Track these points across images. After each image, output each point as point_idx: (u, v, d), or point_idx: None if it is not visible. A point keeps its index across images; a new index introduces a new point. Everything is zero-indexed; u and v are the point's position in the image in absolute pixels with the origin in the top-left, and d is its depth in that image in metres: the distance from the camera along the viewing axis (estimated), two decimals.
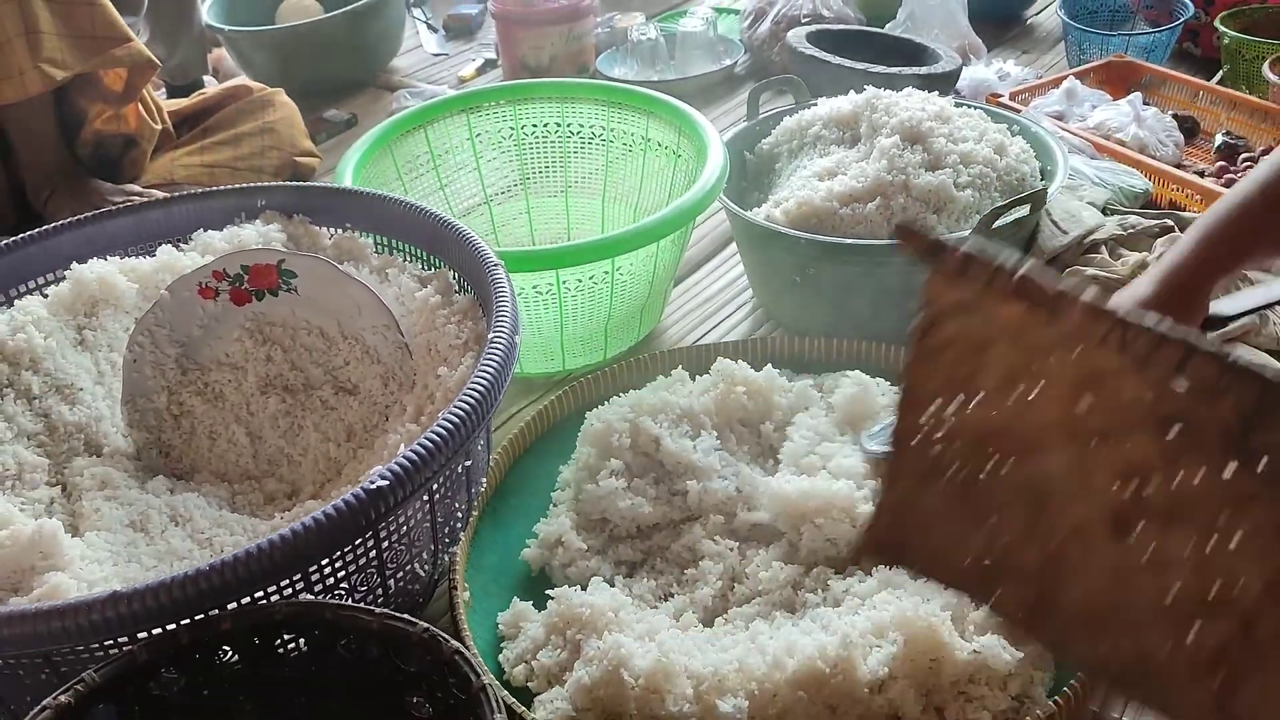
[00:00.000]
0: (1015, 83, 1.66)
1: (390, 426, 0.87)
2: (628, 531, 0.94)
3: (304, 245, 1.01)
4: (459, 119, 1.36)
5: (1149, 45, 1.73)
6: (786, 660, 0.75)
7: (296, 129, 1.64)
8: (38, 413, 0.85)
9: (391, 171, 1.31)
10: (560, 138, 1.40)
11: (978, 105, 1.32)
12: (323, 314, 0.91)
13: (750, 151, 1.36)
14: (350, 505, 0.66)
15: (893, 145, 1.17)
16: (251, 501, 0.87)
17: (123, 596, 0.61)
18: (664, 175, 1.34)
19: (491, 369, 0.76)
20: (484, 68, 2.07)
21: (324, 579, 0.70)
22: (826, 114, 1.29)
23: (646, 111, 1.34)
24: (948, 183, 1.14)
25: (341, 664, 0.65)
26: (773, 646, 0.76)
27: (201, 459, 0.90)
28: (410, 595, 0.80)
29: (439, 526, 0.78)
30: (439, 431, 0.71)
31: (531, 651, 0.83)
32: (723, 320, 1.31)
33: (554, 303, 1.10)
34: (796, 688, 0.74)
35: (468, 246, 0.91)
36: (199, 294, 0.89)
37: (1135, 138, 1.47)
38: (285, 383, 0.92)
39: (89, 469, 0.83)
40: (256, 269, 0.90)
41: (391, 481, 0.67)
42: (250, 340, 0.91)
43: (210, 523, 0.82)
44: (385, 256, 0.99)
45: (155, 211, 1.02)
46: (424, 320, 0.90)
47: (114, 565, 0.74)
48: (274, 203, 1.03)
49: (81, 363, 0.89)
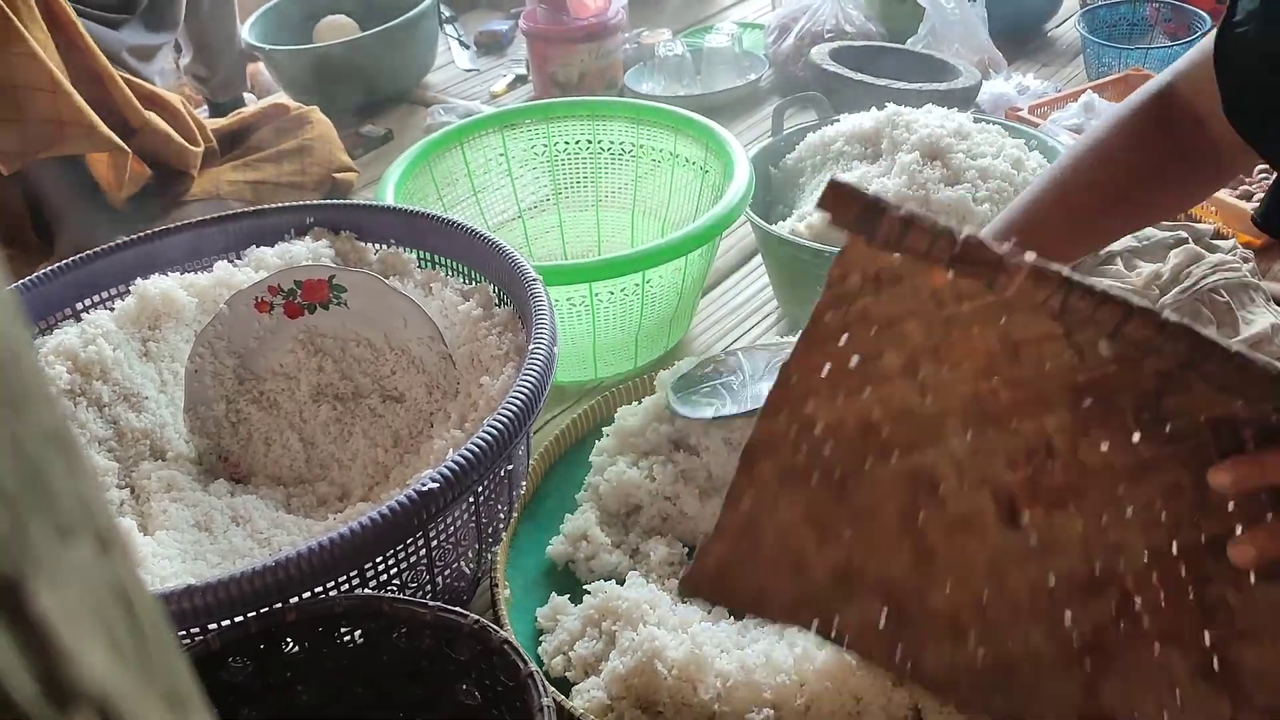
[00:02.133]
0: (1034, 96, 1.70)
1: (435, 433, 0.92)
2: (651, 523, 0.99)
3: (351, 260, 1.06)
4: (494, 137, 1.41)
5: (1167, 59, 1.76)
6: (815, 652, 0.79)
7: (333, 145, 1.70)
8: (108, 420, 0.90)
9: (430, 186, 1.36)
10: (591, 154, 1.45)
11: (996, 120, 1.36)
12: (371, 326, 0.97)
13: (775, 166, 1.40)
14: (404, 505, 0.71)
15: (913, 161, 1.21)
16: (305, 504, 0.93)
17: (197, 589, 0.66)
18: (691, 189, 1.38)
19: (532, 379, 0.81)
20: (515, 83, 2.13)
21: (378, 575, 0.75)
22: (849, 130, 1.34)
23: (674, 129, 1.39)
24: (966, 198, 1.18)
25: (396, 653, 0.70)
26: (801, 638, 0.81)
27: (258, 463, 0.95)
28: (456, 591, 0.85)
29: (483, 527, 0.83)
30: (485, 438, 0.75)
31: (569, 643, 0.88)
32: (750, 329, 1.36)
33: (587, 314, 1.15)
34: (824, 679, 0.78)
35: (507, 262, 0.96)
36: (255, 308, 0.95)
37: None
38: (336, 391, 0.97)
39: (155, 472, 0.88)
40: (309, 284, 0.95)
41: (442, 484, 0.72)
42: (303, 351, 0.97)
43: (268, 523, 0.87)
44: (428, 271, 1.05)
45: (211, 229, 1.07)
46: (466, 332, 0.95)
47: (182, 562, 0.80)
48: (322, 220, 1.09)
49: (147, 372, 0.94)
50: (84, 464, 0.20)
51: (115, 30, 1.63)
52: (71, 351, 0.90)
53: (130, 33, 1.66)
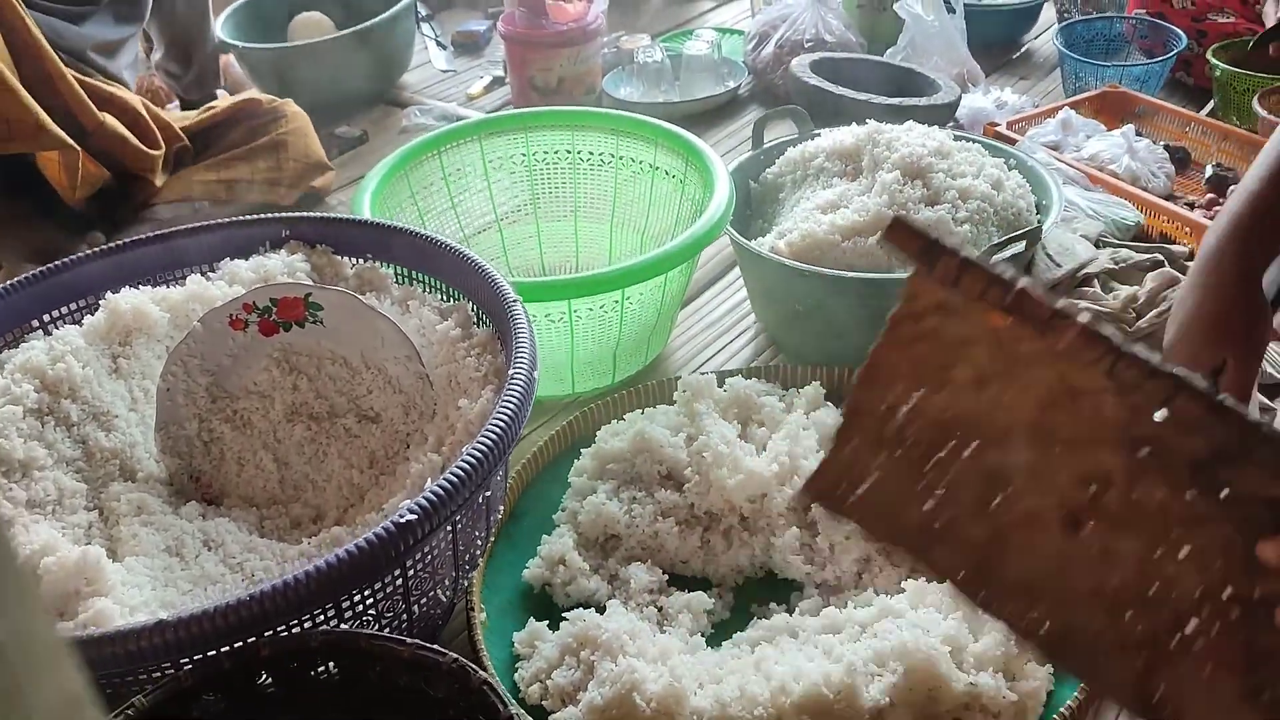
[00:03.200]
0: (1012, 111, 1.70)
1: (412, 455, 0.91)
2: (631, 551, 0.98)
3: (327, 275, 1.05)
4: (472, 146, 1.40)
5: (1143, 76, 1.77)
6: (792, 686, 0.79)
7: (309, 139, 1.67)
8: (76, 439, 0.89)
9: (406, 194, 1.35)
10: (570, 164, 1.44)
11: (976, 139, 1.36)
12: (347, 344, 0.95)
13: (755, 180, 1.40)
14: (381, 538, 0.70)
15: (893, 180, 1.21)
16: (279, 526, 0.91)
17: (168, 625, 0.65)
18: (670, 202, 1.38)
19: (512, 406, 0.80)
20: (492, 85, 2.11)
21: (354, 606, 0.74)
22: (829, 146, 1.33)
23: (654, 141, 1.38)
24: (946, 218, 1.18)
25: (372, 689, 0.69)
26: (778, 672, 0.81)
27: (230, 484, 0.94)
28: (432, 619, 0.84)
29: (460, 554, 0.82)
30: (463, 467, 0.74)
31: (546, 671, 0.87)
32: (728, 344, 1.35)
33: (565, 329, 1.14)
34: (800, 712, 0.78)
35: (486, 281, 0.95)
36: (230, 325, 0.93)
37: (1128, 169, 1.52)
38: (310, 411, 0.96)
39: (125, 495, 0.87)
40: (284, 302, 0.93)
41: (420, 516, 0.71)
42: (277, 369, 0.95)
43: (241, 547, 0.86)
44: (406, 288, 1.03)
45: (184, 240, 1.06)
46: (444, 352, 0.94)
47: (152, 589, 0.78)
48: (298, 232, 1.07)
49: (117, 390, 0.93)
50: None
51: (78, 25, 1.59)
52: (39, 369, 0.89)
53: (95, 27, 1.62)
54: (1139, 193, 1.45)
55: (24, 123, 1.34)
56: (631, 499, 0.99)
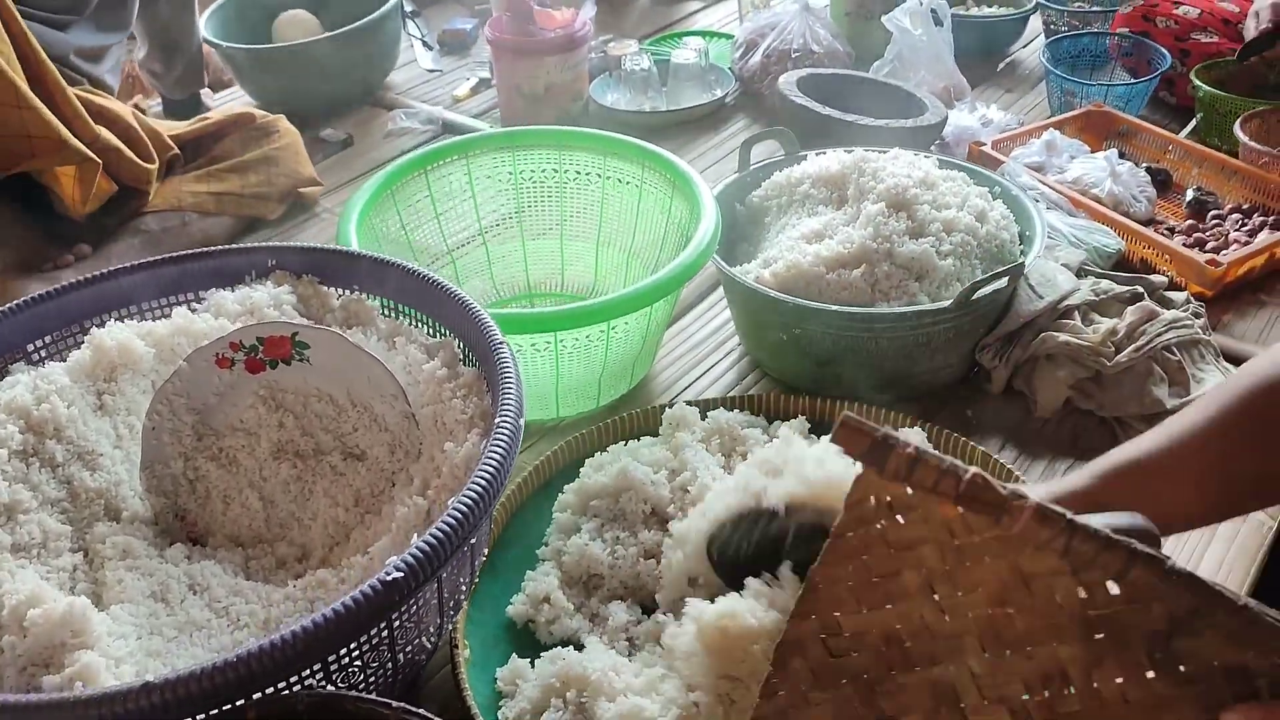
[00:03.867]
0: (998, 129, 1.71)
1: (397, 496, 0.92)
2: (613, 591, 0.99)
3: (313, 306, 1.05)
4: (458, 164, 1.40)
5: (1127, 95, 1.78)
6: None
7: (299, 156, 1.67)
8: (61, 480, 0.89)
9: (392, 213, 1.35)
10: (556, 183, 1.44)
11: (961, 165, 1.37)
12: (333, 382, 0.95)
13: (740, 203, 1.40)
14: (367, 596, 0.71)
15: (878, 212, 1.22)
16: (264, 566, 0.92)
17: (155, 687, 0.65)
18: (656, 223, 1.38)
19: (498, 455, 0.80)
20: (479, 86, 2.10)
21: (339, 660, 0.75)
22: (815, 172, 1.34)
23: (641, 162, 1.38)
24: (930, 251, 1.19)
25: None
26: None
27: (216, 523, 0.94)
28: (416, 665, 0.85)
29: (444, 602, 0.83)
30: (449, 522, 0.75)
31: (530, 712, 0.88)
32: (711, 367, 1.36)
33: (550, 359, 1.15)
34: None
35: (474, 320, 0.95)
36: (215, 364, 0.93)
37: (1110, 194, 1.53)
38: (296, 448, 0.96)
39: (111, 537, 0.87)
40: (271, 340, 0.94)
41: (406, 574, 0.72)
42: (263, 407, 0.95)
43: (227, 591, 0.86)
44: (392, 322, 1.03)
45: (169, 269, 1.05)
46: (430, 393, 0.94)
47: (138, 639, 0.79)
48: (284, 262, 1.07)
49: (101, 428, 0.93)
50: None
51: (62, 31, 1.58)
52: (24, 409, 0.88)
53: (78, 34, 1.61)
54: (1121, 219, 1.46)
55: (47, 139, 1.34)
56: (615, 539, 1.00)
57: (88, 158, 1.39)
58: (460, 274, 1.43)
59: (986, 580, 0.52)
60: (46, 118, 1.34)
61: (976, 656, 0.54)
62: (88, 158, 1.39)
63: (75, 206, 1.46)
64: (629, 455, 1.08)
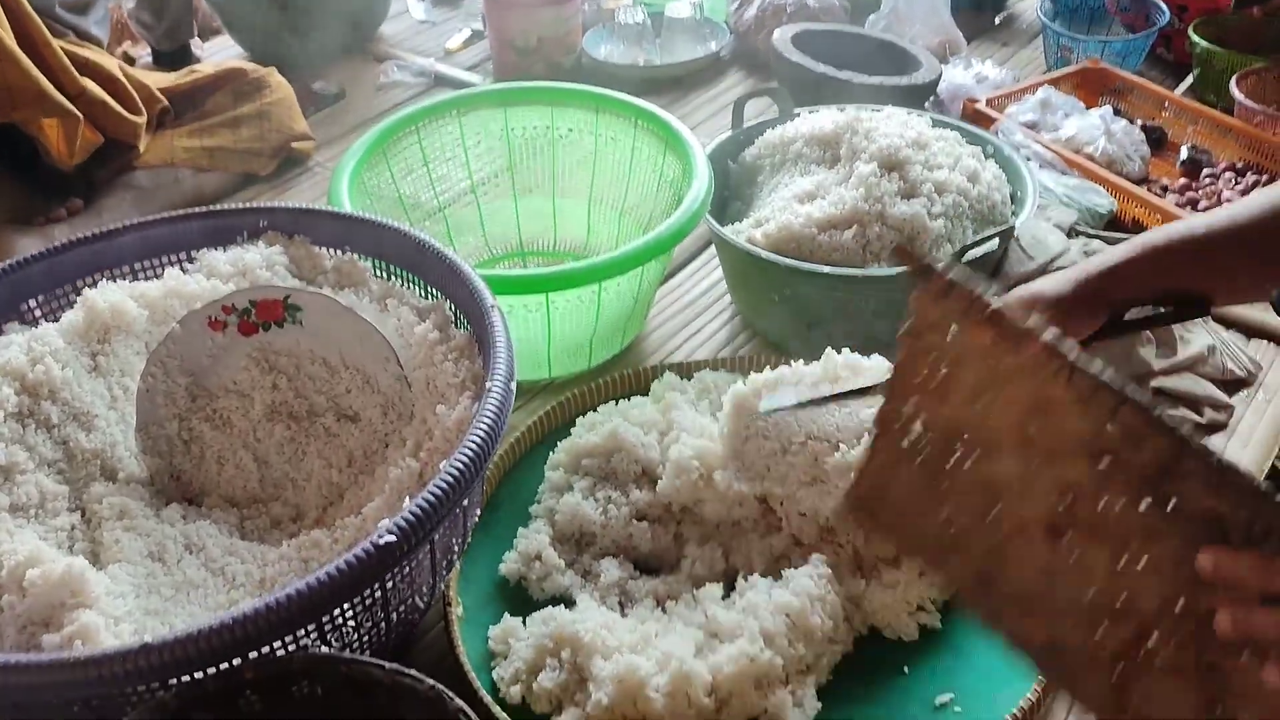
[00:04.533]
0: (992, 87, 1.70)
1: (390, 457, 0.93)
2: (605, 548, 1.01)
3: (305, 267, 1.05)
4: (450, 121, 1.39)
5: (1124, 50, 1.77)
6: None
7: (292, 111, 1.66)
8: (57, 441, 0.89)
9: (384, 168, 1.34)
10: (548, 140, 1.43)
11: (954, 124, 1.37)
12: (326, 344, 0.96)
13: (733, 161, 1.40)
14: (361, 560, 0.72)
15: (870, 173, 1.22)
16: (259, 526, 0.93)
17: (154, 647, 0.67)
18: (649, 181, 1.38)
19: (489, 419, 0.81)
20: (471, 39, 2.08)
21: (333, 620, 0.76)
22: (809, 132, 1.33)
23: (633, 120, 1.38)
24: (921, 213, 1.19)
25: (352, 708, 0.71)
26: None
27: (211, 483, 0.95)
28: (409, 624, 0.86)
29: (437, 562, 0.84)
30: (442, 485, 0.76)
31: (525, 671, 0.90)
32: (704, 325, 1.37)
33: (542, 319, 1.16)
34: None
35: (465, 283, 0.95)
36: (209, 326, 0.94)
37: (1104, 152, 1.53)
38: (290, 410, 0.97)
39: (108, 497, 0.88)
40: (263, 304, 0.94)
41: (399, 537, 0.73)
42: (257, 369, 0.96)
43: (222, 550, 0.87)
44: (385, 284, 1.04)
45: (161, 229, 1.05)
46: (422, 355, 0.95)
47: (136, 598, 0.80)
48: (276, 223, 1.07)
49: (96, 389, 0.93)
50: None
51: None
52: (19, 371, 0.89)
53: None
54: (1114, 178, 1.46)
55: (26, 90, 1.33)
56: (607, 499, 1.01)
57: (68, 110, 1.38)
58: (452, 231, 1.43)
59: (1017, 397, 0.59)
60: (26, 68, 1.33)
61: (1013, 459, 0.62)
62: (68, 110, 1.38)
63: (62, 158, 1.45)
64: (620, 416, 1.09)
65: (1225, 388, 1.23)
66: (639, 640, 0.89)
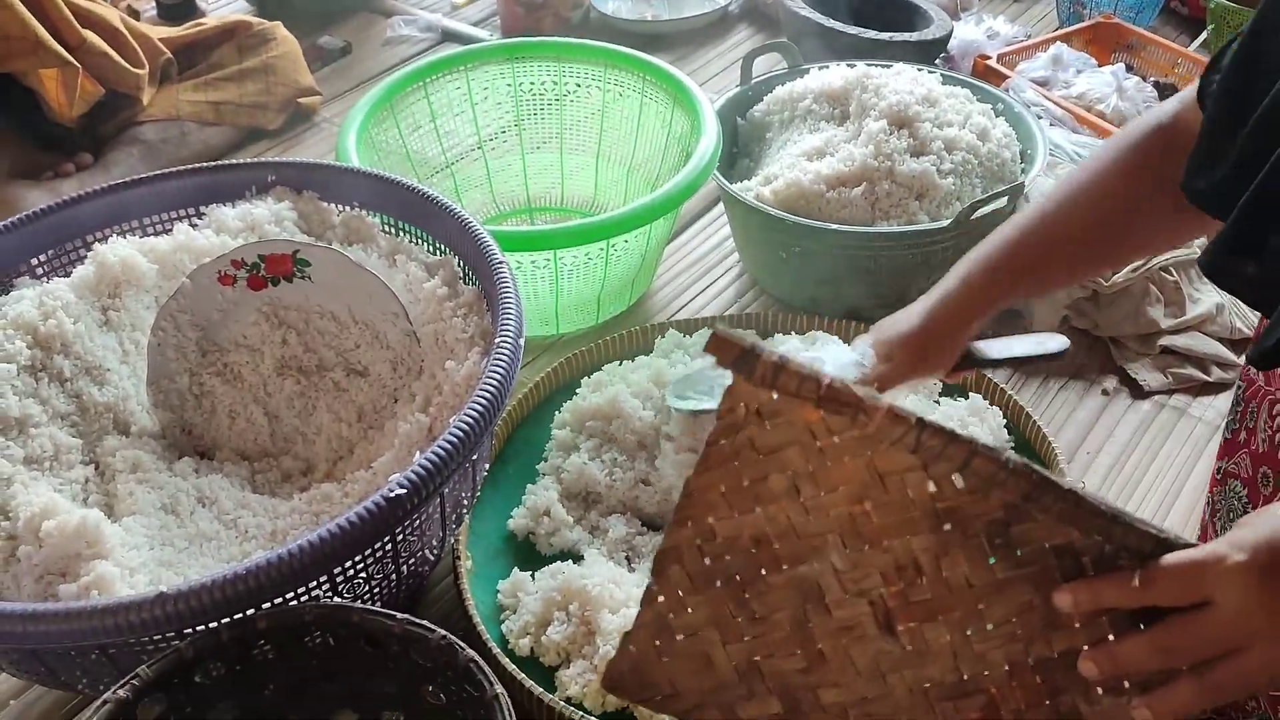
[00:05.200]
0: (1004, 43, 1.69)
1: (399, 412, 0.93)
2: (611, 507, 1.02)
3: (313, 222, 1.05)
4: (458, 77, 1.39)
5: (1138, 5, 1.75)
6: None
7: (298, 64, 1.65)
8: (70, 394, 0.90)
9: (391, 124, 1.34)
10: (555, 95, 1.43)
11: (964, 80, 1.36)
12: (335, 299, 0.96)
13: (742, 117, 1.39)
14: (372, 512, 0.72)
15: (880, 130, 1.21)
16: (270, 479, 0.94)
17: (169, 597, 0.68)
18: (657, 137, 1.37)
19: (499, 374, 0.82)
20: None
21: (345, 572, 0.77)
22: (818, 88, 1.32)
23: (642, 75, 1.37)
24: (930, 170, 1.19)
25: (363, 657, 0.73)
26: None
27: (222, 437, 0.96)
28: (419, 576, 0.87)
29: (447, 516, 0.85)
30: (452, 439, 0.77)
31: (533, 624, 0.91)
32: (711, 284, 1.37)
33: (550, 276, 1.16)
34: None
35: (473, 239, 0.95)
36: (219, 281, 0.94)
37: (1115, 109, 1.52)
38: (300, 364, 0.97)
39: (121, 451, 0.89)
40: (272, 258, 0.94)
41: (409, 490, 0.74)
42: (266, 324, 0.96)
43: (234, 504, 0.88)
44: (393, 239, 1.04)
45: (170, 183, 1.05)
46: (431, 311, 0.95)
47: (150, 549, 0.81)
48: (284, 178, 1.07)
49: (108, 343, 0.94)
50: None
51: None
52: (31, 325, 0.89)
53: None
54: None
55: (23, 40, 1.32)
56: (613, 461, 1.02)
57: (66, 60, 1.37)
58: (459, 187, 1.43)
59: (847, 479, 0.56)
60: (23, 18, 1.32)
61: (838, 552, 0.58)
62: (66, 60, 1.37)
63: (62, 110, 1.45)
64: (621, 379, 1.09)
65: (1233, 347, 1.23)
66: None
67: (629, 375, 1.10)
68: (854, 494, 0.56)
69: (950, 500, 0.55)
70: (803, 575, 0.59)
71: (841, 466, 0.55)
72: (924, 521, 0.56)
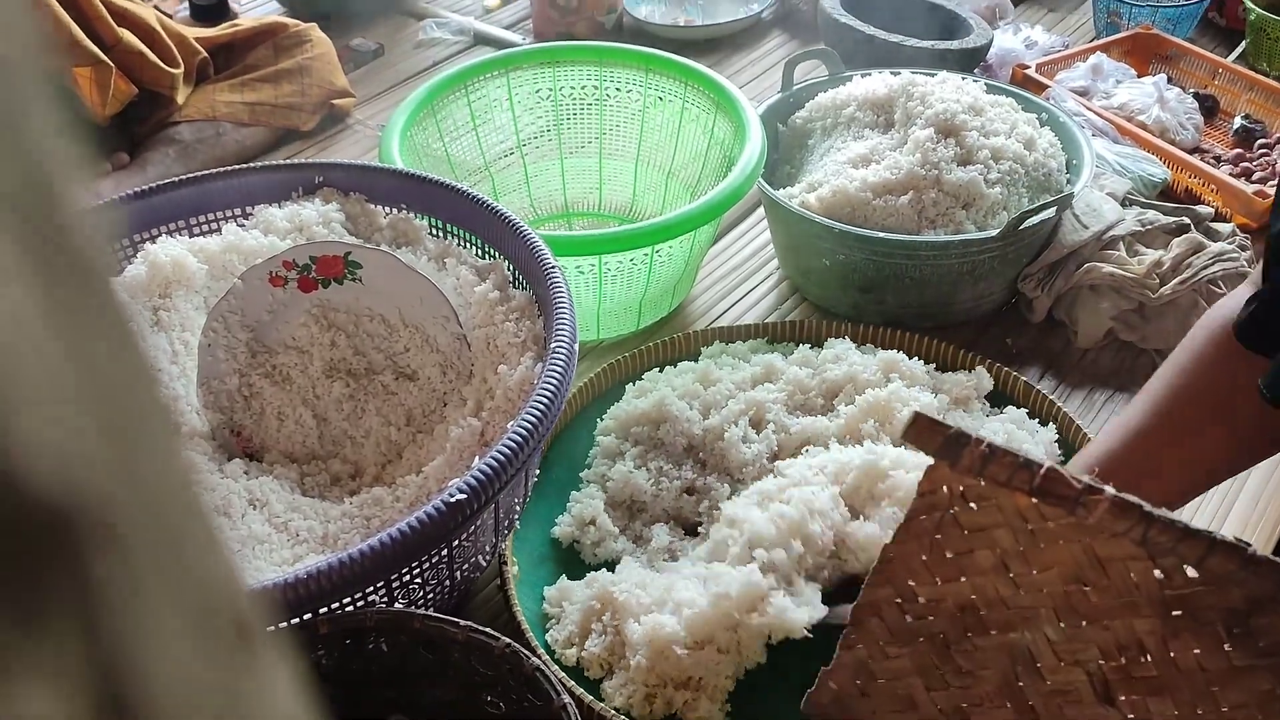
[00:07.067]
0: (1042, 52, 1.68)
1: (450, 416, 0.93)
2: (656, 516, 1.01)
3: (361, 224, 1.05)
4: (499, 79, 1.38)
5: (1176, 16, 1.74)
6: None
7: (332, 66, 1.65)
8: None
9: (431, 126, 1.33)
10: (596, 99, 1.42)
11: (1008, 89, 1.35)
12: (385, 302, 0.96)
13: (783, 124, 1.39)
14: (432, 517, 0.72)
15: (927, 138, 1.20)
16: (319, 483, 0.93)
17: None
18: (698, 143, 1.37)
19: (555, 379, 0.81)
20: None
21: (400, 577, 0.76)
22: (861, 95, 1.32)
23: (684, 81, 1.36)
24: (978, 179, 1.18)
25: (424, 663, 0.72)
26: None
27: (271, 439, 0.96)
28: (470, 581, 0.87)
29: (500, 522, 0.85)
30: (510, 444, 0.76)
31: (577, 635, 0.90)
32: (751, 290, 1.36)
33: (594, 281, 1.15)
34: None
35: (525, 243, 0.95)
36: (269, 282, 0.94)
37: (1157, 120, 1.51)
38: (349, 367, 0.97)
39: None
40: (324, 260, 0.94)
41: (469, 495, 0.73)
42: (316, 325, 0.96)
43: (285, 506, 0.88)
44: (442, 243, 1.03)
45: (217, 183, 1.05)
46: (482, 315, 0.94)
47: None
48: (332, 179, 1.06)
49: (158, 344, 0.93)
50: None
51: None
52: None
53: None
54: (1167, 147, 1.44)
55: (58, 38, 1.32)
56: (659, 470, 1.01)
57: (99, 59, 1.37)
58: (498, 190, 1.42)
59: (1061, 560, 0.54)
60: (59, 16, 1.32)
61: (1052, 625, 0.56)
62: (99, 59, 1.37)
63: (97, 109, 1.45)
64: (666, 384, 1.08)
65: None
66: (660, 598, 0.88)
67: (673, 380, 1.09)
68: (1069, 574, 0.54)
69: (1181, 589, 0.52)
70: (1013, 641, 0.57)
71: (1055, 548, 0.53)
72: (1150, 606, 0.53)
